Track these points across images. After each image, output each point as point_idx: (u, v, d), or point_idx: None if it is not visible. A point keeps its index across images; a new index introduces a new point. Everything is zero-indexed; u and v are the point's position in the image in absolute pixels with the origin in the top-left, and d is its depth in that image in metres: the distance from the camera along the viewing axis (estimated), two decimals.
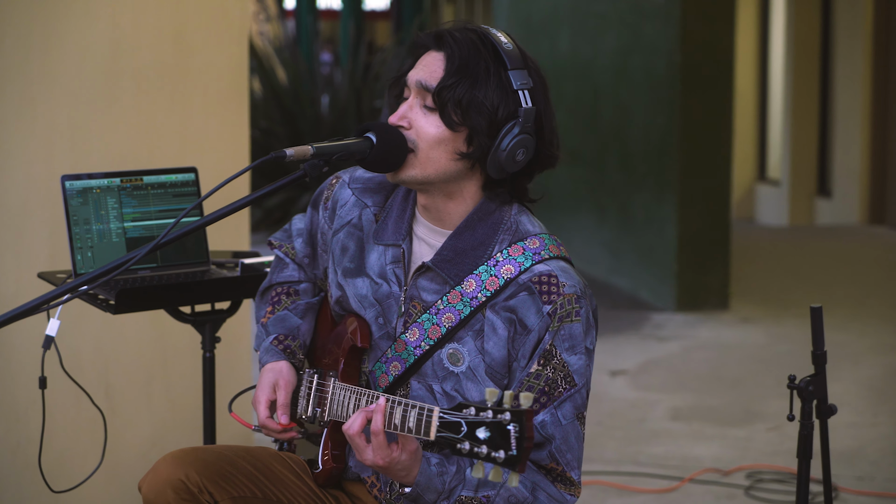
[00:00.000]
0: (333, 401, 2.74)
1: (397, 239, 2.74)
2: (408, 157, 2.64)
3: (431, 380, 2.68)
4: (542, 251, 2.67)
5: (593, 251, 11.08)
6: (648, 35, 9.94)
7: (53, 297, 2.26)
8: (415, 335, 2.68)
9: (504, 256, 2.66)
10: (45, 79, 4.19)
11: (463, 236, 2.68)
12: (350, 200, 2.84)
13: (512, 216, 2.71)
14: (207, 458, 2.72)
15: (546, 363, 2.62)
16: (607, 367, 7.63)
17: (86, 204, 3.28)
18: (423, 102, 2.65)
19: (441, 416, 2.33)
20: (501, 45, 2.64)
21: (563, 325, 2.61)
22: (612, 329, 8.86)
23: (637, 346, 8.39)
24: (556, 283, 2.63)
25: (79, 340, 4.39)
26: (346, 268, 2.80)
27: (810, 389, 2.90)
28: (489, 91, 2.60)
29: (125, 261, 2.30)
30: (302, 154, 2.47)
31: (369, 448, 2.51)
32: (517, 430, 2.23)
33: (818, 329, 2.91)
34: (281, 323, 2.92)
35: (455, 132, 2.62)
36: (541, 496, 2.63)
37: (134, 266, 3.32)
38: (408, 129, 2.64)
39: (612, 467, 5.71)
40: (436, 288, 2.69)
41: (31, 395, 3.51)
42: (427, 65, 2.65)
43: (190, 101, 4.92)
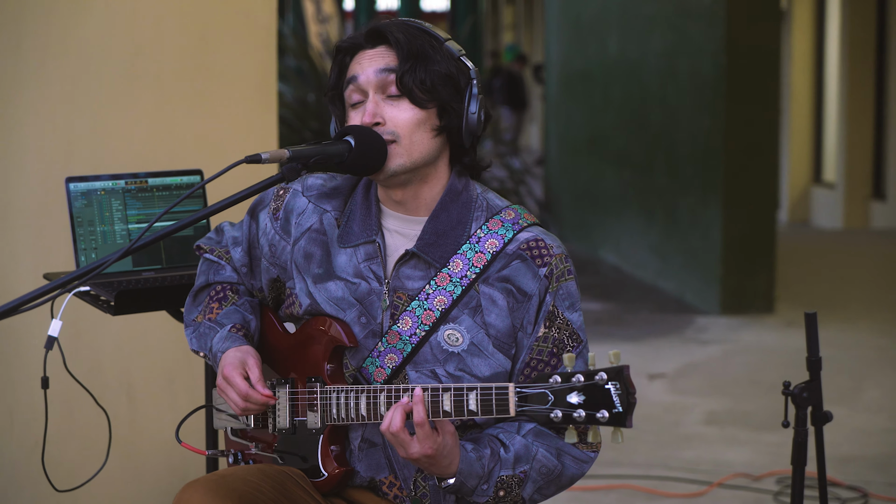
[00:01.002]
0: (330, 405, 2.72)
1: (369, 235, 2.75)
2: (390, 148, 2.67)
3: (433, 364, 2.69)
4: (519, 220, 2.73)
5: (640, 254, 11.05)
6: (694, 37, 9.89)
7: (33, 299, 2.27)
8: (407, 324, 2.69)
9: (485, 232, 2.71)
10: (63, 81, 4.22)
11: (440, 218, 2.72)
12: (308, 208, 2.83)
13: (479, 194, 2.78)
14: (239, 486, 2.65)
15: (551, 324, 2.68)
16: (646, 371, 7.61)
17: (90, 206, 3.30)
18: (384, 94, 2.70)
19: (519, 391, 2.38)
20: (424, 25, 2.74)
21: (560, 284, 2.68)
22: (654, 332, 8.84)
23: (678, 349, 8.35)
24: (545, 246, 2.70)
25: (100, 341, 4.42)
26: (316, 274, 2.78)
27: (804, 396, 2.87)
28: (443, 63, 2.68)
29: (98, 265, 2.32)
30: (278, 157, 2.49)
31: (415, 441, 2.51)
32: (618, 387, 2.29)
33: (813, 335, 2.89)
34: (235, 314, 2.88)
35: (427, 110, 2.69)
36: (566, 460, 2.69)
37: (139, 267, 3.37)
38: (383, 124, 2.68)
39: (642, 471, 5.69)
40: (420, 274, 2.71)
41: (51, 395, 3.54)
42: (372, 58, 2.71)
43: (213, 104, 4.94)
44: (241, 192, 2.47)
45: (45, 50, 4.15)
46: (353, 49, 2.75)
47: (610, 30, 11.83)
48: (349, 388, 2.68)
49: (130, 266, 3.35)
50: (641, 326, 9.15)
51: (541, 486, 2.69)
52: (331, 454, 2.74)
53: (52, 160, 4.13)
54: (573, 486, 5.31)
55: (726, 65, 9.30)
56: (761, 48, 9.34)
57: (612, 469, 5.70)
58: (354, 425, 2.74)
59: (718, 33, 9.37)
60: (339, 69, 2.76)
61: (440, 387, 2.50)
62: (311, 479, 2.77)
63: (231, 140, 4.94)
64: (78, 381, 3.37)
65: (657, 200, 10.73)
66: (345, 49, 2.76)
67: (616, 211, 11.77)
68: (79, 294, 3.24)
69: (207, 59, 4.93)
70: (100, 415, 4.39)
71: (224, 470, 2.74)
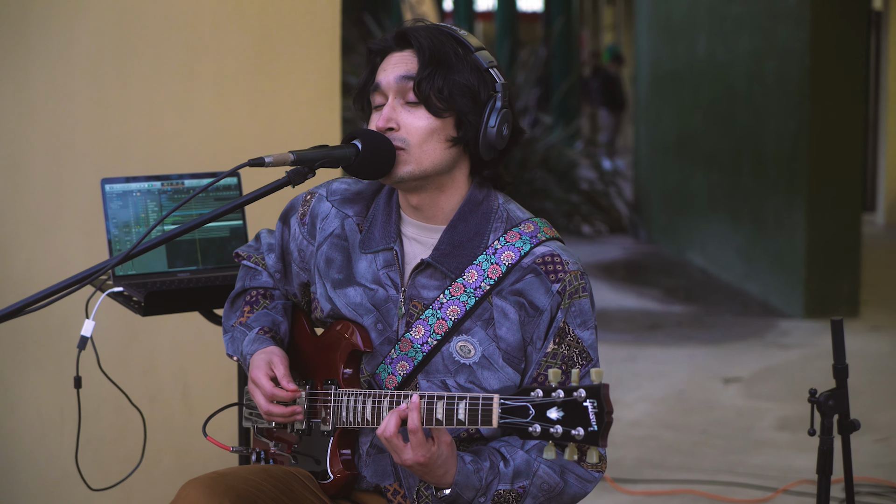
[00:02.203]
0: (339, 408, 2.73)
1: (388, 242, 2.75)
2: (399, 155, 2.65)
3: (444, 375, 2.68)
4: (538, 234, 2.71)
5: (727, 257, 10.95)
6: (781, 38, 9.78)
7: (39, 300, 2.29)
8: (420, 332, 2.69)
9: (502, 244, 2.69)
10: (117, 82, 4.27)
11: (457, 228, 2.70)
12: (331, 213, 2.84)
13: (500, 205, 2.75)
14: (237, 485, 2.67)
15: (560, 341, 2.65)
16: (721, 375, 7.55)
17: (126, 207, 3.33)
18: (403, 100, 2.67)
19: (503, 402, 2.36)
20: (457, 32, 2.70)
21: (573, 301, 2.66)
22: (735, 336, 8.77)
23: (758, 353, 8.27)
24: (561, 262, 2.67)
25: (155, 341, 4.47)
26: (335, 279, 2.79)
27: (830, 404, 2.84)
28: (465, 73, 2.65)
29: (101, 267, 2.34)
30: (282, 160, 2.49)
31: (408, 447, 2.51)
32: (595, 405, 2.25)
33: (839, 342, 2.85)
34: (264, 317, 2.91)
35: (443, 119, 2.66)
36: (570, 478, 2.67)
37: (174, 268, 3.40)
38: (396, 129, 2.66)
39: (708, 476, 5.64)
40: (436, 284, 2.70)
41: (103, 393, 3.60)
42: (396, 63, 2.69)
43: (275, 105, 4.97)
44: (245, 196, 2.49)
45: (99, 51, 4.20)
46: (383, 51, 2.73)
47: (698, 30, 11.74)
48: (358, 391, 2.69)
49: (166, 267, 3.38)
50: (722, 329, 9.07)
51: (541, 502, 2.67)
52: (339, 457, 2.75)
53: (106, 161, 4.18)
54: (634, 491, 5.34)
55: (811, 66, 9.19)
56: (847, 49, 9.22)
57: (677, 474, 5.66)
58: (366, 430, 2.75)
59: (804, 34, 9.26)
60: (369, 70, 2.75)
61: (435, 395, 2.49)
62: (320, 482, 2.79)
63: (292, 142, 4.94)
64: (112, 380, 3.40)
65: (743, 202, 10.62)
66: (375, 51, 2.75)
67: (703, 213, 11.67)
68: (112, 295, 3.28)
69: (269, 61, 4.96)
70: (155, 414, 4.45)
71: (227, 469, 2.76)
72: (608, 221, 14.19)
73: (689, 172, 12.16)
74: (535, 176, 13.85)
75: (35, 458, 4.01)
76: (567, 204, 13.88)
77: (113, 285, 3.29)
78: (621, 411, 6.71)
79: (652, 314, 9.68)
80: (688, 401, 7.02)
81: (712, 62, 11.42)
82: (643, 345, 8.53)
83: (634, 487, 5.47)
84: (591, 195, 14.26)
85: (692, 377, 7.57)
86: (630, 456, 5.93)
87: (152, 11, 4.41)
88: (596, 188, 14.47)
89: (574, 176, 14.37)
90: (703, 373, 7.67)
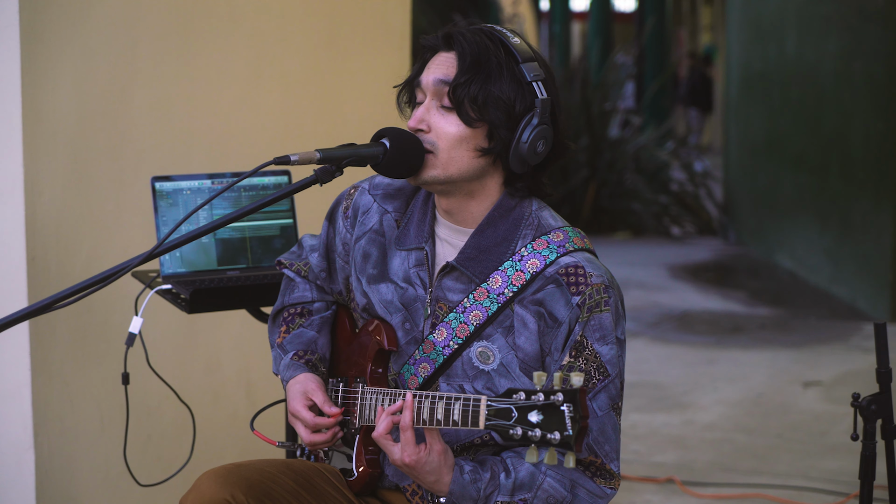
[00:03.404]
0: (364, 406, 2.75)
1: (419, 242, 2.75)
2: (427, 158, 2.65)
3: (462, 379, 2.68)
4: (566, 243, 2.67)
5: (815, 259, 10.84)
6: (870, 38, 9.66)
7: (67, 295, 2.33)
8: (442, 335, 2.69)
9: (529, 251, 2.66)
10: (182, 80, 4.31)
11: (485, 234, 2.69)
12: (372, 206, 2.85)
13: (533, 211, 2.72)
14: (251, 476, 2.71)
15: (578, 354, 2.61)
16: (801, 378, 7.47)
17: (175, 205, 3.37)
18: (439, 103, 2.65)
19: (489, 405, 2.34)
20: (509, 40, 2.65)
21: (592, 315, 2.61)
22: (818, 339, 8.67)
23: (840, 357, 8.17)
24: (584, 274, 2.63)
25: (218, 338, 4.52)
26: (370, 274, 2.81)
27: (872, 409, 2.80)
28: (504, 84, 2.61)
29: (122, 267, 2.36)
30: (308, 158, 2.50)
31: (396, 447, 2.52)
32: (571, 409, 2.24)
33: (882, 346, 2.81)
34: (298, 339, 2.93)
35: (474, 129, 2.63)
36: (580, 493, 2.63)
37: (223, 266, 3.44)
38: (427, 132, 2.65)
39: (780, 481, 5.58)
40: (461, 287, 2.69)
41: (164, 391, 3.64)
42: (439, 65, 2.67)
43: (343, 106, 4.99)
44: (271, 196, 2.50)
45: (162, 51, 4.24)
46: (432, 48, 2.72)
47: (788, 31, 11.63)
48: (380, 390, 2.71)
49: (216, 265, 3.41)
50: (807, 332, 8.97)
51: None
52: (364, 455, 2.77)
53: (168, 161, 4.22)
54: (703, 494, 5.29)
55: None
56: None
57: (749, 478, 5.62)
58: None
59: (893, 34, 9.14)
60: (419, 66, 2.75)
61: (434, 395, 2.49)
62: (347, 479, 2.81)
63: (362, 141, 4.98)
64: (160, 377, 3.44)
65: (831, 204, 10.50)
66: (426, 47, 2.74)
67: (791, 214, 11.56)
68: (160, 292, 3.32)
69: (336, 61, 4.98)
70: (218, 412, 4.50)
71: (247, 461, 2.79)
72: (697, 223, 14.09)
73: (777, 174, 12.04)
74: (625, 177, 13.81)
75: (94, 453, 4.06)
76: (656, 205, 13.81)
77: (162, 283, 3.33)
78: (696, 414, 6.67)
79: (735, 316, 9.60)
80: (765, 404, 6.96)
81: (801, 62, 11.31)
82: (724, 347, 8.46)
83: (704, 491, 5.43)
84: (680, 196, 14.18)
85: (771, 380, 7.50)
86: (702, 459, 5.88)
87: (216, 11, 4.44)
88: (686, 189, 14.37)
89: (664, 177, 14.29)
90: (783, 376, 7.59)
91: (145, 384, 3.70)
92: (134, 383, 3.72)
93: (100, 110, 4.02)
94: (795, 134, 11.50)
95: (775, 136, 12.19)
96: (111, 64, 4.06)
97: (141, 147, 4.16)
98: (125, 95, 4.10)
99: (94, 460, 4.06)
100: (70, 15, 3.92)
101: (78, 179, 3.96)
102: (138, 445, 4.20)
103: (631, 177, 13.84)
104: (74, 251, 3.94)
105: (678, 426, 6.45)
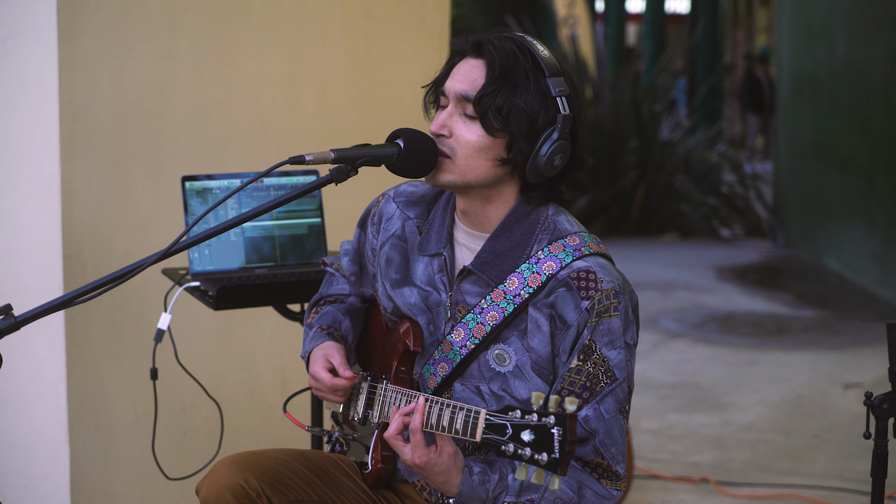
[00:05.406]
0: (384, 403, 2.81)
1: (439, 247, 2.80)
2: (444, 162, 2.69)
3: (478, 381, 2.73)
4: (582, 248, 2.71)
5: (863, 261, 10.80)
6: None
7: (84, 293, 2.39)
8: (460, 335, 2.74)
9: (545, 254, 2.70)
10: (218, 82, 4.36)
11: (501, 238, 2.73)
12: (395, 213, 2.91)
13: (549, 216, 2.75)
14: (265, 462, 2.79)
15: (586, 358, 2.65)
16: (842, 380, 7.45)
17: (205, 203, 3.43)
18: (462, 111, 2.68)
19: (487, 419, 2.39)
20: (538, 53, 2.67)
21: (601, 320, 2.65)
22: (862, 341, 8.64)
23: (883, 359, 8.04)
24: (594, 279, 2.66)
25: (254, 335, 4.57)
26: (393, 279, 2.87)
27: (885, 407, 2.82)
28: (529, 97, 2.64)
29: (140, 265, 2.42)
30: (323, 158, 2.54)
31: (407, 447, 2.57)
32: (560, 433, 2.28)
33: (894, 346, 2.82)
34: (324, 317, 3.02)
35: (495, 138, 2.66)
36: (587, 494, 2.66)
37: (251, 264, 3.50)
38: (448, 137, 2.69)
39: (815, 481, 5.59)
40: (479, 291, 2.74)
41: (198, 387, 3.71)
42: (466, 73, 2.69)
43: (380, 108, 5.03)
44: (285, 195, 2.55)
45: (201, 50, 4.29)
46: (461, 53, 2.74)
47: (837, 33, 11.59)
48: (400, 389, 2.77)
49: (244, 263, 3.47)
50: (850, 335, 8.95)
51: None
52: (379, 449, 2.82)
53: (205, 161, 4.27)
54: (738, 494, 5.30)
55: None
56: None
57: (785, 478, 5.62)
58: None
59: None
60: (446, 68, 2.78)
61: (443, 402, 2.54)
62: (362, 471, 2.87)
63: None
64: (189, 372, 3.50)
65: (879, 207, 10.47)
66: (455, 51, 2.77)
67: (840, 217, 11.52)
68: (189, 289, 3.38)
69: (374, 63, 5.02)
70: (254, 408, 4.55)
71: (263, 449, 2.87)
72: (747, 225, 14.06)
73: (826, 176, 12.01)
74: (675, 178, 13.79)
75: (128, 447, 4.13)
76: (705, 207, 13.78)
77: (190, 280, 3.40)
78: (735, 415, 6.68)
79: (780, 318, 9.58)
80: (804, 405, 6.95)
81: (851, 65, 11.27)
82: (767, 349, 8.45)
83: (739, 491, 5.44)
84: (730, 198, 14.14)
85: (812, 382, 7.49)
86: (738, 459, 5.90)
87: (254, 13, 4.49)
88: (735, 191, 14.33)
89: (714, 179, 14.26)
90: (825, 378, 7.58)
91: (180, 380, 3.77)
92: (168, 379, 3.79)
93: (136, 110, 4.08)
94: (844, 136, 11.46)
95: (824, 138, 12.15)
96: (148, 64, 4.12)
97: (177, 147, 4.22)
98: (162, 96, 4.16)
99: (128, 454, 4.13)
100: (107, 16, 3.98)
101: (114, 179, 4.02)
102: (173, 440, 4.27)
103: (680, 178, 13.83)
104: (110, 250, 4.01)
105: (716, 427, 6.46)
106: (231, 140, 4.42)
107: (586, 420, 2.64)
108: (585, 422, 2.64)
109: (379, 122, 4.96)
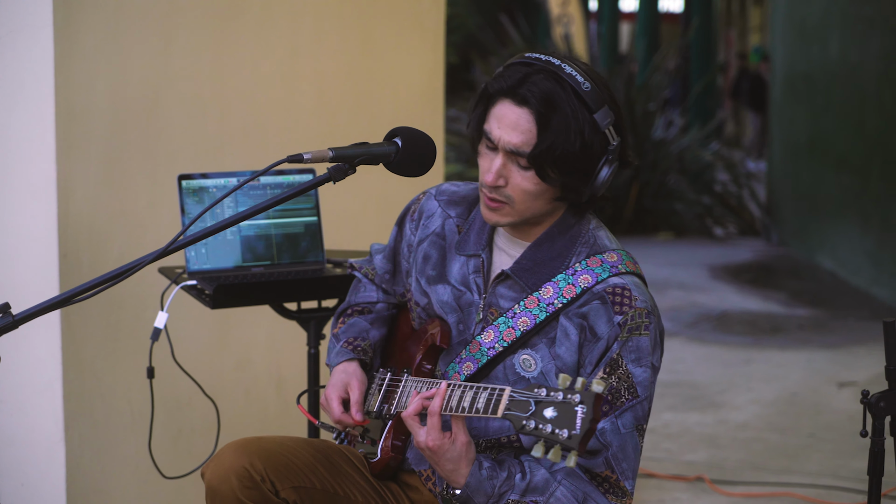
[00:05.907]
0: (403, 393, 2.84)
1: (477, 249, 2.84)
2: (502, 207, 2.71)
3: (502, 383, 2.73)
4: (619, 265, 2.75)
5: (857, 260, 10.81)
6: None
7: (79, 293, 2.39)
8: (489, 337, 2.77)
9: (582, 267, 2.73)
10: (215, 80, 4.36)
11: (542, 248, 2.77)
12: (436, 211, 2.95)
13: (590, 230, 2.80)
14: (270, 447, 2.82)
15: (611, 372, 2.67)
16: (837, 379, 7.46)
17: (201, 202, 3.42)
18: (516, 162, 2.67)
19: (511, 396, 2.41)
20: (580, 88, 2.64)
21: (631, 336, 2.68)
22: (856, 340, 8.65)
23: (877, 357, 8.09)
24: (629, 296, 2.70)
25: (250, 335, 4.57)
26: (429, 276, 2.91)
27: (881, 405, 2.83)
28: (580, 139, 2.63)
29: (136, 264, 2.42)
30: (321, 157, 2.55)
31: (423, 429, 2.59)
32: (584, 411, 2.30)
33: (892, 344, 2.83)
34: (351, 328, 3.05)
35: (551, 184, 2.69)
36: None
37: (248, 263, 3.50)
38: (504, 186, 2.69)
39: (810, 480, 5.59)
40: (513, 296, 2.77)
41: (194, 385, 3.71)
42: (513, 124, 2.65)
43: (376, 106, 5.03)
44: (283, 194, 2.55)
45: (197, 49, 4.29)
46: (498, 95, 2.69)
47: (831, 32, 11.60)
48: (420, 380, 2.81)
49: (240, 262, 3.47)
50: (845, 333, 8.96)
51: None
52: (391, 439, 2.86)
53: (201, 160, 4.27)
54: (732, 493, 5.31)
55: None
56: None
57: (779, 476, 5.63)
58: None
59: None
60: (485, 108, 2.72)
61: (467, 384, 2.56)
62: (368, 461, 2.90)
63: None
64: (185, 371, 3.50)
65: (873, 206, 10.48)
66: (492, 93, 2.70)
67: (833, 215, 11.53)
68: (185, 288, 3.38)
69: (370, 61, 5.02)
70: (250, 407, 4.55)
71: (267, 436, 2.90)
72: (740, 224, 14.07)
73: (820, 175, 12.02)
74: (668, 177, 13.79)
75: (124, 446, 4.13)
76: (699, 205, 13.79)
77: (187, 279, 3.40)
78: (729, 413, 6.69)
79: (774, 317, 9.59)
80: (799, 404, 6.96)
81: (844, 64, 11.28)
82: (761, 348, 8.46)
83: (734, 489, 5.45)
84: (723, 197, 14.16)
85: (807, 381, 7.50)
86: (733, 457, 5.90)
87: (250, 11, 4.49)
88: (729, 190, 14.34)
89: (708, 177, 14.27)
90: (819, 376, 7.59)
91: (176, 379, 3.77)
92: (165, 378, 3.79)
93: (133, 109, 4.08)
94: (838, 135, 11.48)
95: (818, 137, 12.17)
96: (145, 64, 4.12)
97: (174, 146, 4.22)
98: (158, 95, 4.16)
99: (124, 453, 4.13)
100: (104, 14, 3.98)
101: (110, 178, 4.02)
102: (169, 439, 4.27)
103: (674, 177, 13.84)
104: (106, 249, 4.00)
105: (711, 425, 6.47)
106: (227, 139, 4.42)
107: (602, 432, 2.66)
108: (601, 434, 2.66)
109: (375, 121, 4.97)
